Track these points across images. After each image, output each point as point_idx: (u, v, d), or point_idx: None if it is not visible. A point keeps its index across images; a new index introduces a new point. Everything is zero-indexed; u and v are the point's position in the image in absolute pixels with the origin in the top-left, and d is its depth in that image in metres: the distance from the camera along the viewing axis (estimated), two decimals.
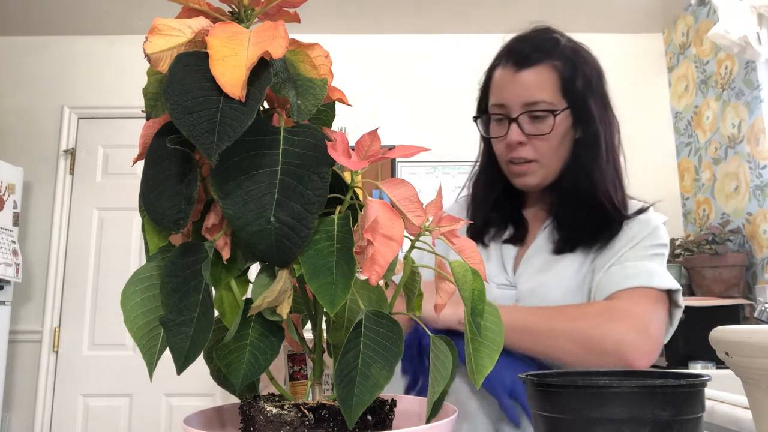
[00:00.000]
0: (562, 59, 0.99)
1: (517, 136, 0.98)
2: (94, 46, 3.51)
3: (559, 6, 3.28)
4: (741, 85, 2.85)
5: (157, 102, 0.48)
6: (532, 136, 0.98)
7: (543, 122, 0.98)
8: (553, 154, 1.00)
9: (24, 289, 3.20)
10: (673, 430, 0.46)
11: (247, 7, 0.48)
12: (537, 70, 0.98)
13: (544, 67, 0.98)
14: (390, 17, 3.41)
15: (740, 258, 2.71)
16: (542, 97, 0.97)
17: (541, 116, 0.98)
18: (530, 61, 0.98)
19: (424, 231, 0.51)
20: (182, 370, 0.43)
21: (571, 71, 0.99)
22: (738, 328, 0.51)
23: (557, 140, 0.99)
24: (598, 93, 1.02)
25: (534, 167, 1.01)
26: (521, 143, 0.99)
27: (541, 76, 0.98)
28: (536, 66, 0.98)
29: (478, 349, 0.50)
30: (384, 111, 3.41)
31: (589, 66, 1.02)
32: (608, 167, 1.01)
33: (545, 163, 1.01)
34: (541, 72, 0.98)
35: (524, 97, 0.98)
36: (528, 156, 0.99)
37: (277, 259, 0.44)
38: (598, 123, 1.00)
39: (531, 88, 0.97)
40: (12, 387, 3.13)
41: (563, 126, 0.99)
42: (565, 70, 0.99)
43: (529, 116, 0.98)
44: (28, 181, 3.28)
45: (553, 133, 0.98)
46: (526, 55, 0.99)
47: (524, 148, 0.99)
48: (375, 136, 0.49)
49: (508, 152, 1.01)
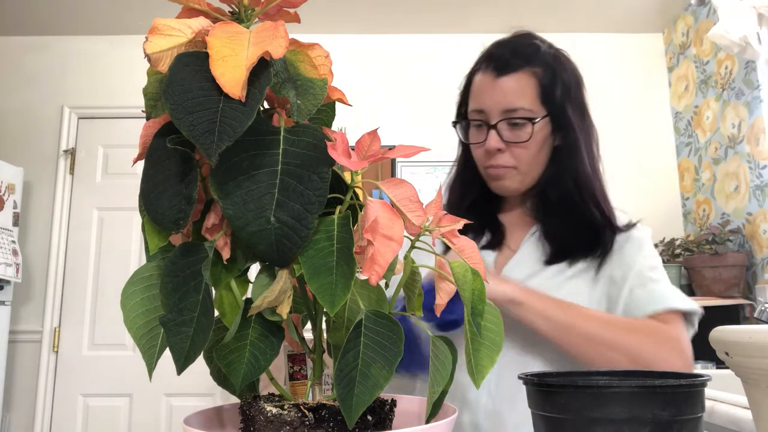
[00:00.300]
0: (542, 66, 0.99)
1: (495, 143, 0.98)
2: (94, 46, 3.51)
3: (559, 6, 3.28)
4: (741, 85, 2.85)
5: (157, 102, 0.48)
6: (511, 143, 0.98)
7: (522, 129, 0.98)
8: (532, 161, 1.00)
9: (24, 289, 3.20)
10: (673, 430, 0.46)
11: (247, 7, 0.48)
12: (517, 77, 0.98)
13: (523, 74, 0.98)
14: (390, 17, 3.41)
15: (740, 258, 2.72)
16: (521, 104, 0.97)
17: (520, 123, 0.97)
18: (510, 67, 0.98)
19: (424, 231, 0.51)
20: (182, 370, 0.43)
21: (551, 78, 0.99)
22: (738, 328, 0.51)
23: (536, 147, 0.99)
24: (577, 101, 1.02)
25: (512, 172, 1.00)
26: (500, 150, 0.99)
27: (521, 83, 0.98)
28: (516, 72, 0.98)
29: (478, 349, 0.50)
30: (384, 111, 3.41)
31: (568, 73, 1.01)
32: (593, 175, 1.01)
33: (524, 170, 1.00)
34: (520, 79, 0.98)
35: (503, 104, 0.97)
36: (506, 163, 0.99)
37: (277, 259, 0.44)
38: (578, 131, 1.00)
39: (510, 95, 0.97)
40: (12, 387, 3.13)
41: (542, 133, 0.99)
42: (545, 77, 0.98)
43: (507, 123, 0.98)
44: (28, 181, 3.28)
45: (531, 141, 0.98)
46: (506, 60, 0.99)
47: (503, 155, 0.99)
48: (375, 136, 0.49)
49: (487, 159, 1.01)
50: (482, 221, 1.07)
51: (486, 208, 1.08)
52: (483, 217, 1.07)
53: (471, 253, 0.53)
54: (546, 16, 3.30)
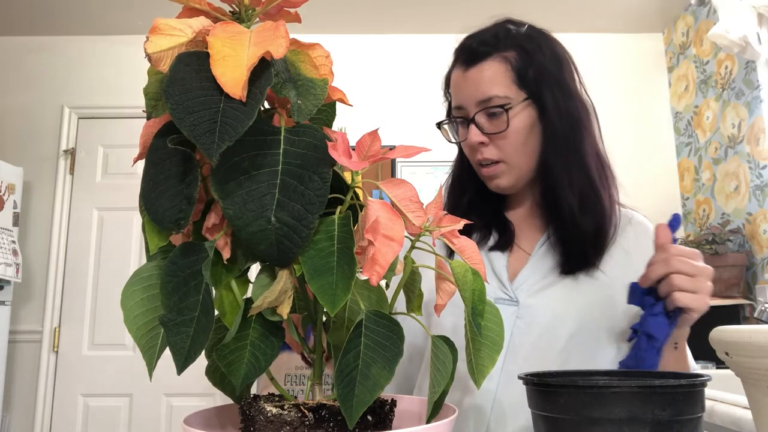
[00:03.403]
0: (514, 49, 0.93)
1: (476, 137, 0.93)
2: (94, 46, 3.51)
3: (559, 6, 3.28)
4: (741, 85, 2.85)
5: (158, 102, 0.48)
6: (492, 134, 0.92)
7: (499, 119, 0.92)
8: (518, 152, 0.93)
9: (24, 289, 3.20)
10: (673, 430, 0.46)
11: (248, 6, 0.48)
12: (486, 65, 0.93)
13: (493, 61, 0.93)
14: (391, 17, 3.41)
15: (740, 258, 2.72)
16: (495, 92, 0.91)
17: (497, 113, 0.92)
18: (478, 57, 0.93)
19: (424, 231, 0.51)
20: (182, 370, 0.43)
21: (526, 60, 0.93)
22: (738, 328, 0.51)
23: (518, 136, 0.92)
24: (559, 82, 0.94)
25: (502, 168, 0.94)
26: (483, 143, 0.93)
27: (491, 71, 0.92)
28: (485, 61, 0.93)
29: (478, 349, 0.51)
30: (384, 111, 3.41)
31: (544, 52, 0.94)
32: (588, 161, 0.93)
33: (513, 163, 0.94)
34: (490, 66, 0.92)
35: (476, 96, 0.92)
36: (493, 156, 0.93)
37: (277, 259, 0.44)
38: (562, 114, 0.93)
39: (482, 85, 0.92)
40: (12, 387, 3.13)
41: (522, 121, 0.92)
42: (518, 60, 0.92)
43: (485, 114, 0.93)
44: (28, 181, 3.28)
45: (511, 130, 0.91)
46: (473, 51, 0.94)
47: (487, 149, 0.94)
48: (375, 136, 0.49)
49: (474, 155, 0.96)
50: (487, 221, 1.01)
51: (489, 207, 1.02)
52: (487, 216, 1.01)
53: (471, 253, 0.53)
54: (546, 16, 3.29)
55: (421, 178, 3.37)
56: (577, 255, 0.93)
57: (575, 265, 0.93)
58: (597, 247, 0.93)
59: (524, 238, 1.00)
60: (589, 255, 0.93)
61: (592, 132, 0.97)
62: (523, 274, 0.95)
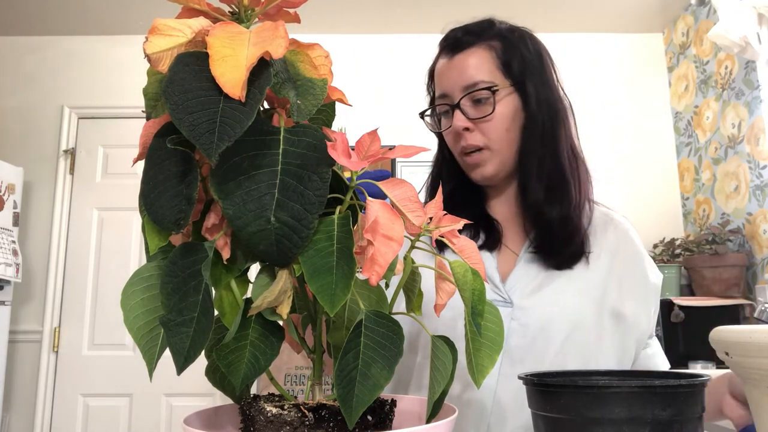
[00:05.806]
0: (498, 39, 0.96)
1: (461, 122, 0.94)
2: (94, 46, 3.51)
3: (559, 5, 3.28)
4: (741, 85, 2.85)
5: (158, 102, 0.48)
6: (477, 120, 0.94)
7: (485, 104, 0.94)
8: (502, 138, 0.95)
9: (24, 289, 3.20)
10: (673, 430, 0.46)
11: (247, 7, 0.48)
12: (472, 52, 0.95)
13: (478, 48, 0.96)
14: (390, 17, 3.41)
15: (740, 258, 2.71)
16: (480, 77, 0.94)
17: (483, 98, 0.94)
18: (462, 45, 0.96)
19: (424, 231, 0.51)
20: (182, 370, 0.43)
21: (510, 50, 0.96)
22: (738, 328, 0.51)
23: (503, 122, 0.94)
24: (541, 76, 0.97)
25: (486, 155, 0.95)
26: (467, 129, 0.95)
27: (477, 56, 0.95)
28: (470, 48, 0.96)
29: (478, 349, 0.51)
30: (384, 111, 3.40)
31: (527, 45, 0.97)
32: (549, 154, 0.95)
33: (496, 149, 0.95)
34: (476, 53, 0.95)
35: (462, 80, 0.94)
36: (477, 143, 0.95)
37: (277, 259, 0.44)
38: (535, 104, 0.95)
39: (468, 70, 0.94)
40: (12, 387, 3.13)
41: (507, 107, 0.94)
42: (503, 49, 0.95)
43: (470, 99, 0.94)
44: (28, 181, 3.28)
45: (496, 114, 0.93)
46: (458, 39, 0.97)
47: (472, 135, 0.95)
48: (375, 136, 0.49)
49: (457, 142, 0.97)
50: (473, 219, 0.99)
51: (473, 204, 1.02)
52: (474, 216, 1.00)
53: (471, 253, 0.53)
54: (546, 16, 3.30)
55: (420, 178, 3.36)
56: (545, 244, 0.94)
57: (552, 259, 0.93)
58: (564, 237, 0.94)
59: (510, 237, 1.00)
60: (555, 245, 0.94)
61: (568, 126, 0.99)
62: (515, 274, 0.95)
